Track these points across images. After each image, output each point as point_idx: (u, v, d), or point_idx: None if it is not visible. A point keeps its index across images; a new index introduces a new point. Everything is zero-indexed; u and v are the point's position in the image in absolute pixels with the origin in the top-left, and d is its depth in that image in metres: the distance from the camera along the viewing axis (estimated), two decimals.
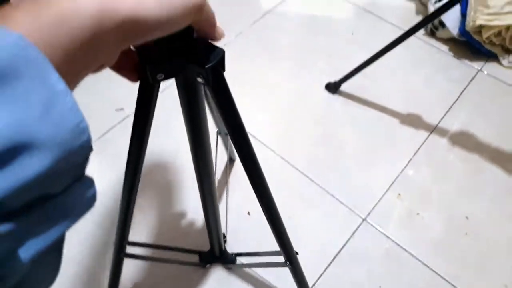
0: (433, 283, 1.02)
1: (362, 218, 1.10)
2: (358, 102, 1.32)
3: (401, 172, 1.18)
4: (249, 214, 1.10)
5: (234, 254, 0.93)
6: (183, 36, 0.33)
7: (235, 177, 1.16)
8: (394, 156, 1.21)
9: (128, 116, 1.26)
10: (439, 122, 1.28)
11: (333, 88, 1.33)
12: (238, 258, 0.95)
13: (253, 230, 1.07)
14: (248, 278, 1.02)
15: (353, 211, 1.11)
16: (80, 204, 0.20)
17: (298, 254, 0.72)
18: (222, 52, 0.36)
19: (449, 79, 1.38)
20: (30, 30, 0.18)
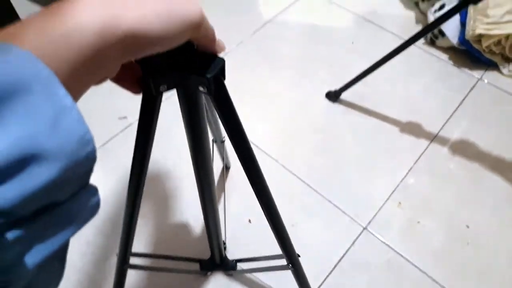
0: None
1: (363, 226, 1.10)
2: (358, 111, 1.33)
3: (401, 180, 1.18)
4: (250, 222, 1.10)
5: (234, 261, 0.93)
6: (185, 47, 0.33)
7: (231, 183, 1.16)
8: (395, 164, 1.22)
9: (131, 124, 1.27)
10: (440, 130, 1.28)
11: (333, 96, 1.34)
12: (238, 264, 0.95)
13: (254, 238, 1.07)
14: (249, 283, 1.01)
15: (353, 220, 1.11)
16: (85, 211, 0.21)
17: (300, 256, 0.72)
18: (222, 61, 0.36)
19: (449, 88, 1.39)
20: (37, 47, 0.19)
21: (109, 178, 1.16)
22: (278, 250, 0.70)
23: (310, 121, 1.31)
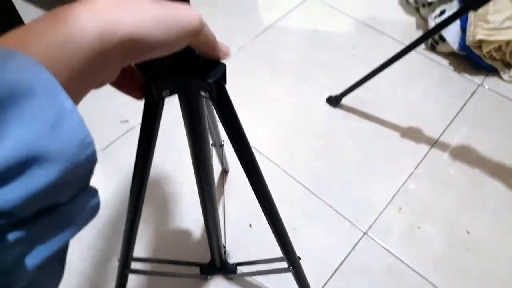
0: None
1: (363, 231, 1.10)
2: (359, 116, 1.33)
3: (402, 185, 1.18)
4: (250, 226, 1.10)
5: (235, 264, 0.93)
6: (186, 53, 0.34)
7: (230, 186, 1.17)
8: (395, 169, 1.22)
9: (132, 128, 1.28)
10: (440, 136, 1.29)
11: (334, 101, 1.34)
12: (239, 267, 0.95)
13: (254, 242, 1.08)
14: (249, 287, 1.01)
15: (354, 225, 1.11)
16: (85, 212, 0.21)
17: (300, 259, 0.72)
18: (224, 66, 0.37)
19: (449, 93, 1.39)
20: (38, 52, 0.19)
21: (110, 181, 1.16)
22: (278, 254, 0.70)
23: (311, 126, 1.31)
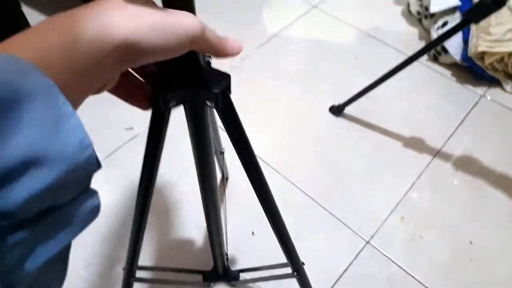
0: None
1: (365, 240, 1.11)
2: (361, 125, 1.34)
3: (404, 195, 1.19)
4: (253, 234, 1.11)
5: (237, 271, 0.93)
6: (192, 64, 0.35)
7: (230, 193, 1.17)
8: (397, 179, 1.22)
9: (137, 135, 1.29)
10: (443, 146, 1.29)
11: (336, 111, 1.35)
12: (241, 274, 0.95)
13: (257, 250, 1.08)
14: None
15: (356, 233, 1.12)
16: (85, 214, 0.22)
17: (304, 264, 0.73)
18: (228, 77, 0.38)
19: (452, 104, 1.40)
20: (37, 57, 0.20)
21: (114, 188, 1.17)
22: (281, 261, 0.70)
23: (314, 134, 1.32)
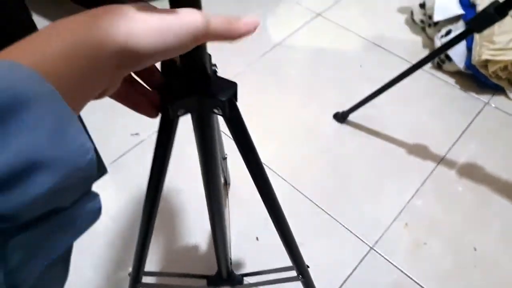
0: None
1: (369, 246, 1.11)
2: (365, 132, 1.35)
3: (408, 201, 1.19)
4: (257, 239, 1.11)
5: (241, 275, 0.94)
6: (200, 73, 0.37)
7: (232, 198, 1.18)
8: (402, 185, 1.23)
9: (142, 140, 1.31)
10: (447, 153, 1.30)
11: (341, 118, 1.36)
12: (245, 278, 0.96)
13: (261, 255, 1.08)
14: None
15: (360, 239, 1.12)
16: (87, 216, 0.22)
17: (309, 267, 0.73)
18: (235, 84, 0.39)
19: (456, 111, 1.41)
20: (40, 63, 0.21)
21: (120, 193, 1.19)
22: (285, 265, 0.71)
23: (318, 141, 1.33)
